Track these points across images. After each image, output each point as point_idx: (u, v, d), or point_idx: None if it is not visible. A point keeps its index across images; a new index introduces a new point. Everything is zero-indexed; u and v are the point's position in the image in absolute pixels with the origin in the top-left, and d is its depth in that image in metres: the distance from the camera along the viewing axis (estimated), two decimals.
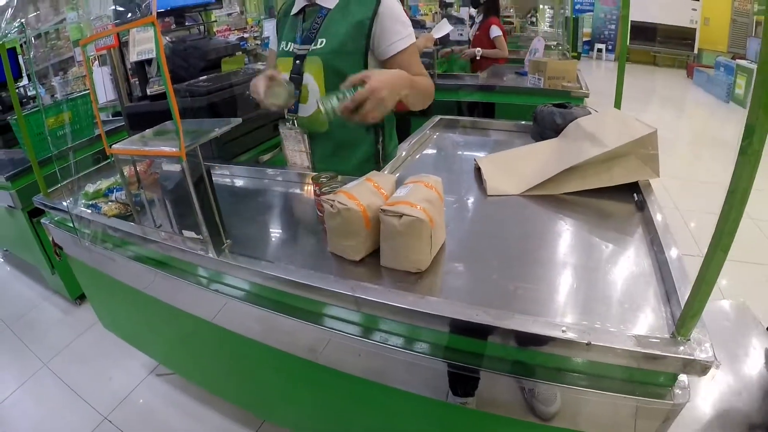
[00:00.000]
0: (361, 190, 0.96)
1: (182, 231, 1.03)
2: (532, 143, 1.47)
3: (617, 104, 1.60)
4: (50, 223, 1.51)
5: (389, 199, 0.94)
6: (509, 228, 1.09)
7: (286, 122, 1.37)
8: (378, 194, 0.97)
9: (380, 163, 1.39)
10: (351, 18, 1.22)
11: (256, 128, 1.95)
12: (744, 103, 5.44)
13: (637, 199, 1.12)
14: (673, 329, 0.70)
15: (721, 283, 0.65)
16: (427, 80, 1.27)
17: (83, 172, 1.54)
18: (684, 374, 0.69)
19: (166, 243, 1.08)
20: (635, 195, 1.14)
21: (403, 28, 1.24)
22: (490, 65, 3.52)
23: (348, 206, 0.90)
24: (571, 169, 1.16)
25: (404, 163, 1.49)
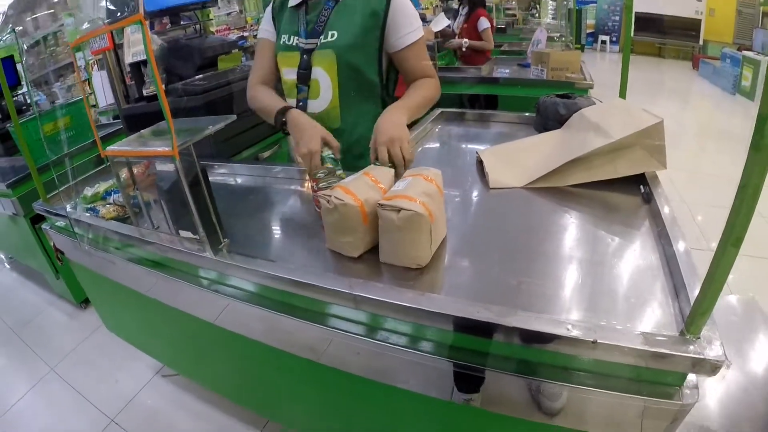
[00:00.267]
0: (359, 185, 0.93)
1: (179, 231, 1.01)
2: (536, 135, 1.44)
3: (622, 94, 1.56)
4: (51, 229, 1.51)
5: (387, 193, 0.92)
6: (512, 221, 1.07)
7: None
8: (376, 188, 0.95)
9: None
10: (363, 9, 1.18)
11: (256, 125, 1.94)
12: (751, 95, 5.33)
13: (644, 192, 1.09)
14: (682, 327, 0.67)
15: (729, 278, 0.63)
16: (428, 87, 1.24)
17: (82, 176, 1.53)
18: (693, 374, 0.66)
19: (164, 244, 1.07)
20: (642, 187, 1.11)
21: (415, 20, 1.22)
22: (476, 57, 3.47)
23: (345, 201, 0.88)
24: (576, 161, 1.13)
25: None
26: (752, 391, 1.10)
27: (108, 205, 1.29)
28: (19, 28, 1.55)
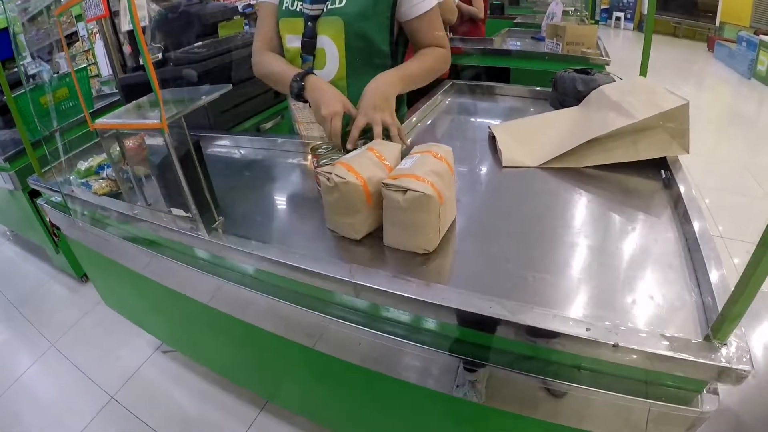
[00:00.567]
0: (363, 162, 0.86)
1: (171, 209, 0.96)
2: (551, 111, 1.36)
3: (643, 72, 1.48)
4: (46, 204, 1.46)
5: (393, 172, 0.84)
6: (525, 203, 1.00)
7: None
8: (381, 166, 0.88)
9: None
10: None
11: (257, 95, 1.86)
12: (767, 80, 5.15)
13: (665, 177, 1.03)
14: (707, 330, 0.61)
15: (739, 268, 0.58)
16: (434, 58, 1.18)
17: (78, 149, 1.47)
18: (717, 382, 0.60)
19: (156, 222, 1.02)
20: (663, 172, 1.04)
21: None
22: (470, 30, 3.30)
23: (347, 180, 0.81)
24: (594, 141, 1.06)
25: (414, 129, 1.40)
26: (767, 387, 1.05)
27: (101, 180, 1.23)
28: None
